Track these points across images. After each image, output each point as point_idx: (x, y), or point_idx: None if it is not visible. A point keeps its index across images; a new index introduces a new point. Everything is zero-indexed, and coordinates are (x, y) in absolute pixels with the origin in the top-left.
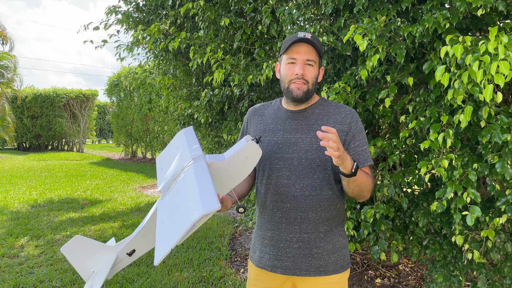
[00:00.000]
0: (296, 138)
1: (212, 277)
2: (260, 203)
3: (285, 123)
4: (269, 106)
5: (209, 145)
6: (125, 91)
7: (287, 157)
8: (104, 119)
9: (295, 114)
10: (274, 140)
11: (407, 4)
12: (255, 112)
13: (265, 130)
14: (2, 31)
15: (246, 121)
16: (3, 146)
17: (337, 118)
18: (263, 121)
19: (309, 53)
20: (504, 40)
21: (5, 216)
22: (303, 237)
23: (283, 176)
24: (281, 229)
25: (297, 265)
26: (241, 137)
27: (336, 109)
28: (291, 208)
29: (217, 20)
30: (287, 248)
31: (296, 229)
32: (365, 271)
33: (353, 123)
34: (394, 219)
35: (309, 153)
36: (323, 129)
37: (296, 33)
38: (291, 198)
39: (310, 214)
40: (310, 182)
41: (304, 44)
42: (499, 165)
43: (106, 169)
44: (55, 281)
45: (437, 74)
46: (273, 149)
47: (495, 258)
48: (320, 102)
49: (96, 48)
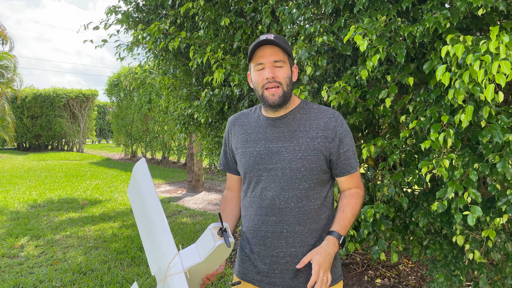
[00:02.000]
0: (279, 147)
1: None
2: (245, 217)
3: (266, 132)
4: (249, 114)
5: (209, 145)
6: (125, 91)
7: (271, 168)
8: (104, 119)
9: (275, 121)
10: (256, 150)
11: (407, 4)
12: (235, 122)
13: (247, 141)
14: (2, 31)
15: (227, 132)
16: (3, 146)
17: (319, 123)
18: (244, 130)
19: (275, 54)
20: (505, 39)
21: (5, 216)
22: (290, 251)
23: (267, 188)
24: (267, 244)
25: (285, 281)
26: (224, 148)
27: (318, 113)
28: (277, 222)
29: (217, 20)
30: (273, 264)
31: (283, 244)
32: (365, 271)
33: (338, 127)
34: (394, 219)
35: (293, 163)
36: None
37: (258, 38)
38: (276, 211)
39: (297, 227)
40: (295, 193)
41: (268, 46)
42: (500, 165)
43: (106, 169)
44: (55, 281)
45: (437, 74)
46: (255, 160)
47: (496, 258)
48: (301, 106)
49: (96, 47)
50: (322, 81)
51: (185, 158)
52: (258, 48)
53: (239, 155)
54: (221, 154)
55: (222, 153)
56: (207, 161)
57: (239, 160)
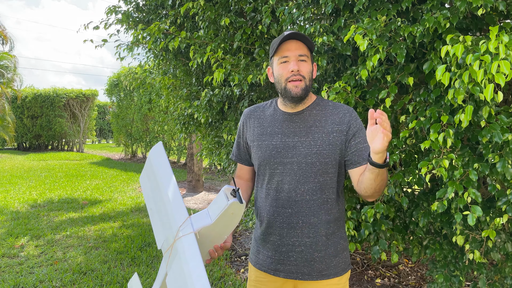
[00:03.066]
0: (295, 141)
1: (212, 277)
2: (260, 208)
3: (282, 126)
4: (266, 108)
5: (209, 145)
6: (125, 91)
7: (287, 162)
8: (104, 119)
9: (293, 116)
10: (272, 144)
11: (407, 4)
12: (251, 114)
13: (263, 134)
14: (2, 31)
15: (242, 124)
16: (3, 146)
17: (335, 118)
18: (260, 124)
19: (300, 48)
20: (505, 39)
21: (5, 216)
22: (305, 241)
23: (283, 181)
24: (282, 234)
25: (299, 269)
26: (238, 140)
27: (334, 109)
28: (293, 214)
29: (217, 20)
30: (289, 252)
31: (298, 233)
32: (365, 271)
33: (352, 121)
34: (395, 219)
35: (308, 157)
36: (377, 114)
37: (282, 33)
38: (292, 203)
39: (312, 219)
40: (311, 186)
41: (293, 41)
42: (499, 165)
43: (106, 169)
44: (55, 281)
45: (437, 74)
46: (271, 154)
47: (496, 258)
48: (317, 102)
49: (96, 47)
50: (322, 81)
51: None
52: (283, 42)
53: (254, 148)
54: (234, 146)
55: (235, 145)
56: (207, 161)
57: (254, 153)
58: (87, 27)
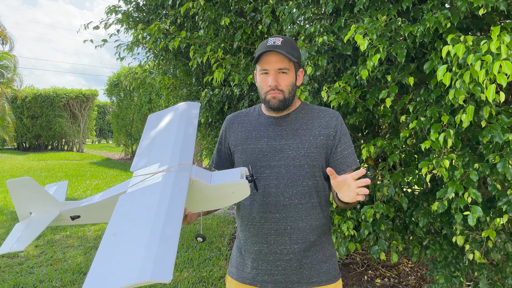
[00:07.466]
0: (282, 144)
1: (212, 277)
2: (245, 216)
3: (268, 130)
4: (249, 113)
5: (209, 145)
6: (125, 91)
7: (274, 165)
8: (104, 119)
9: (278, 120)
10: (258, 147)
11: (407, 4)
12: (234, 120)
13: (248, 138)
14: (2, 31)
15: (224, 130)
16: (3, 146)
17: (321, 121)
18: (244, 128)
19: (280, 61)
20: (507, 39)
21: (5, 216)
22: (293, 248)
23: (270, 185)
24: (270, 241)
25: (288, 277)
26: (218, 146)
27: (320, 113)
28: (281, 219)
29: (217, 20)
30: (277, 261)
31: (287, 240)
32: (365, 271)
33: (338, 125)
34: (394, 219)
35: (297, 160)
36: (356, 175)
37: (267, 39)
38: (280, 208)
39: (300, 224)
40: (299, 190)
41: (273, 53)
42: (500, 165)
43: (106, 169)
44: (55, 281)
45: (438, 74)
46: (257, 157)
47: (496, 258)
48: (302, 107)
49: (96, 47)
50: (322, 81)
51: None
52: (264, 53)
53: (238, 152)
54: (214, 153)
55: (216, 152)
56: (207, 161)
57: (238, 157)
58: (87, 27)
